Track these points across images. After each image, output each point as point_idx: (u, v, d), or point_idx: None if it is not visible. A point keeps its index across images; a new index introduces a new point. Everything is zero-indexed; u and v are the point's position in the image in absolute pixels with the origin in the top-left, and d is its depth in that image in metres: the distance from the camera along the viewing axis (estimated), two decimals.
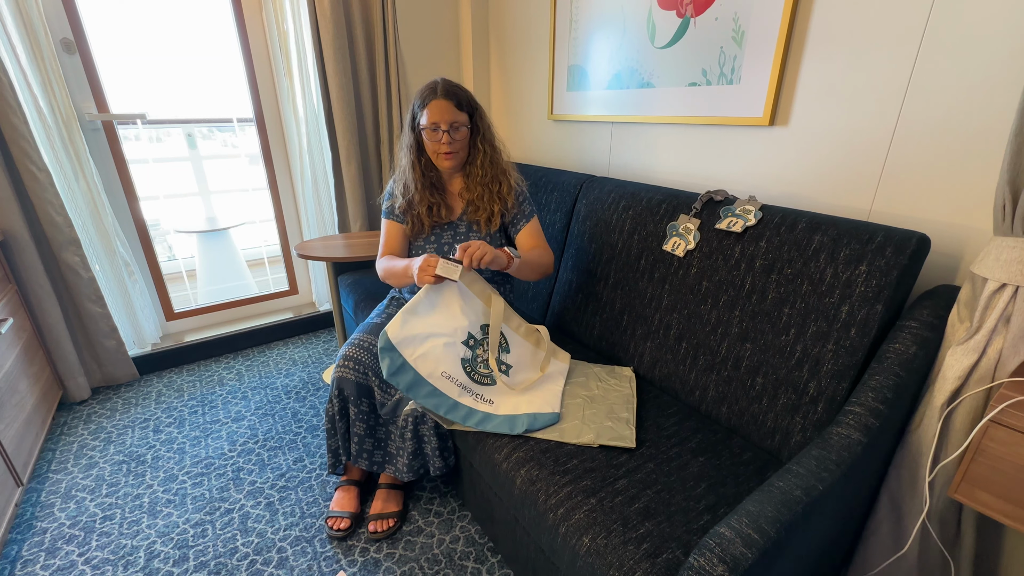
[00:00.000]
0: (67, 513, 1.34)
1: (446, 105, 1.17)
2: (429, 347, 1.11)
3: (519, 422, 1.08)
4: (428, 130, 1.19)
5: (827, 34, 1.09)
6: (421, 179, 1.27)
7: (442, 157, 1.23)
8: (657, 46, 1.44)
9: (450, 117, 1.18)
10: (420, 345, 1.10)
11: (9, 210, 1.51)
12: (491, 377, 1.17)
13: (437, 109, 1.17)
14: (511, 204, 1.30)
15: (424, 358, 1.10)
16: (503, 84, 2.19)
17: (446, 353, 1.12)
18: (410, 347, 1.09)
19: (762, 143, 1.27)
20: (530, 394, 1.15)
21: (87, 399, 1.83)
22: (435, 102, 1.17)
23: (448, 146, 1.20)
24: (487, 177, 1.27)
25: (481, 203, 1.28)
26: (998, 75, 0.87)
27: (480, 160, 1.26)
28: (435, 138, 1.20)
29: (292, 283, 2.38)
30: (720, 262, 1.13)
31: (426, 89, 1.19)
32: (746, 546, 0.63)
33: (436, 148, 1.22)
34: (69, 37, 1.64)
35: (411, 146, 1.26)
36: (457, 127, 1.19)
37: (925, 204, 1.01)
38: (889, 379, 0.84)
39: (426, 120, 1.18)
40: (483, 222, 1.29)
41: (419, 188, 1.27)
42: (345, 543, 1.25)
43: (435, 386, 1.09)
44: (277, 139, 2.09)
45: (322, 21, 1.79)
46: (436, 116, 1.17)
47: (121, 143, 1.83)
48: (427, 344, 1.11)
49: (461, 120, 1.20)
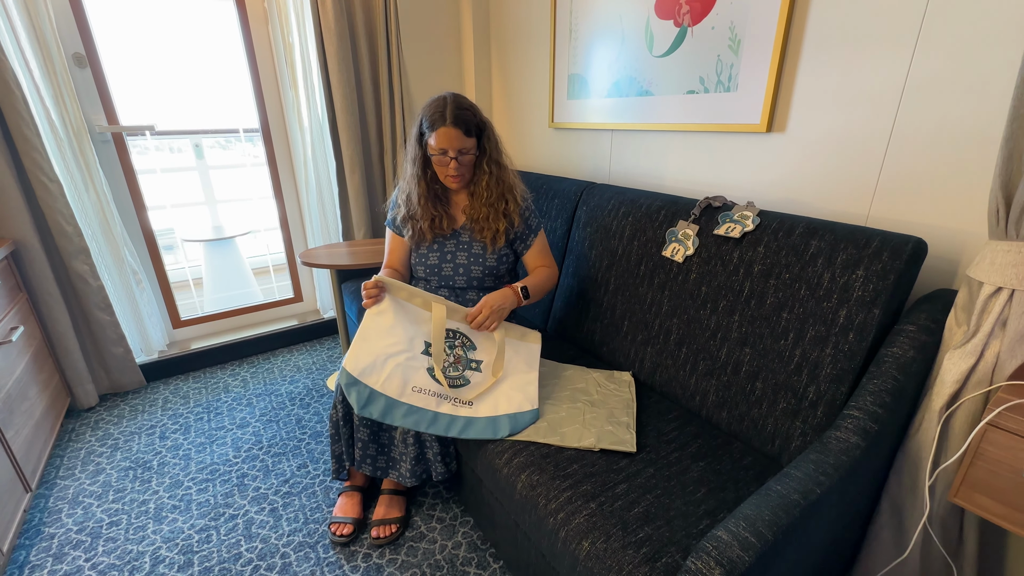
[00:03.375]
0: (74, 519, 1.36)
1: (455, 133, 1.17)
2: (392, 367, 1.10)
3: (501, 424, 1.08)
4: (436, 154, 1.21)
5: (822, 42, 1.10)
6: (426, 192, 1.28)
7: (449, 179, 1.25)
8: (655, 55, 1.46)
9: (458, 145, 1.19)
10: (382, 369, 1.09)
11: (21, 220, 1.54)
12: (463, 377, 1.16)
13: (446, 137, 1.17)
14: (517, 223, 1.31)
15: (390, 380, 1.09)
16: (504, 93, 2.22)
17: (410, 368, 1.12)
18: (373, 375, 1.08)
19: (759, 149, 1.28)
20: (508, 391, 1.14)
21: (95, 406, 1.85)
22: (444, 129, 1.17)
23: (455, 171, 1.22)
24: (492, 197, 1.28)
25: (486, 223, 1.29)
26: (992, 80, 0.88)
27: (486, 181, 1.27)
28: (443, 163, 1.22)
29: (297, 291, 2.40)
30: (719, 267, 1.14)
31: (435, 111, 1.18)
32: (743, 549, 0.63)
33: (443, 171, 1.24)
34: (81, 51, 1.69)
35: (417, 159, 1.26)
36: (465, 152, 1.21)
37: (922, 209, 1.02)
38: (887, 383, 0.85)
39: (434, 144, 1.19)
40: (488, 241, 1.30)
41: (423, 202, 1.28)
42: (348, 549, 1.25)
43: (410, 403, 1.08)
44: (282, 149, 2.13)
45: (326, 33, 1.83)
46: (444, 143, 1.18)
47: (130, 154, 1.87)
48: (388, 365, 1.10)
49: (469, 146, 1.21)
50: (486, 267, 1.33)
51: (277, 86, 2.02)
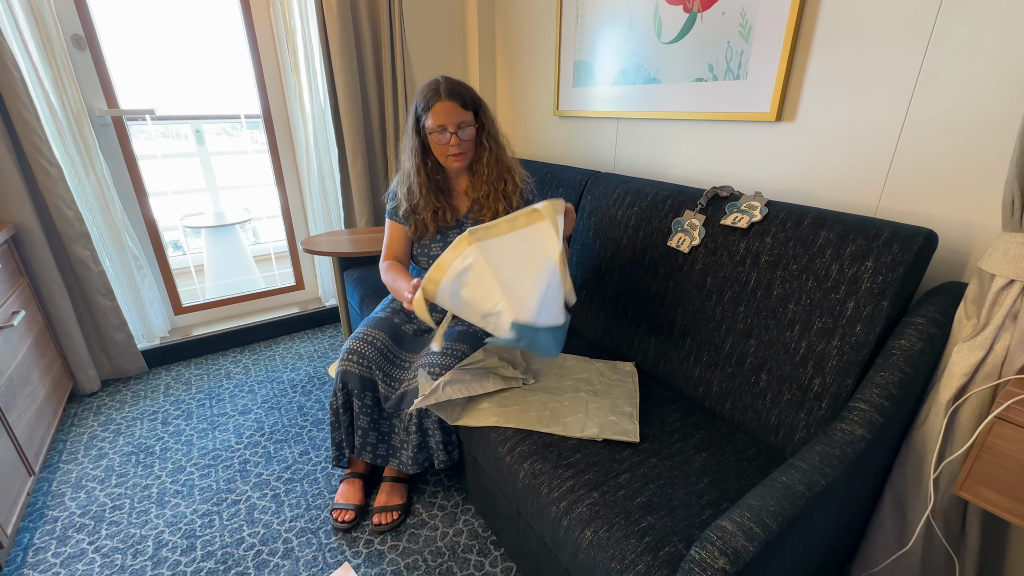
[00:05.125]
0: (77, 502, 1.36)
1: (451, 106, 1.15)
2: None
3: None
4: (435, 133, 1.18)
5: (835, 28, 1.08)
6: (427, 183, 1.25)
7: (451, 158, 1.22)
8: (663, 41, 1.43)
9: (456, 118, 1.17)
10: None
11: (21, 204, 1.53)
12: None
13: (443, 111, 1.15)
14: (515, 204, 1.30)
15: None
16: (509, 81, 2.19)
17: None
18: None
19: (769, 139, 1.26)
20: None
21: (97, 391, 1.86)
22: (440, 104, 1.15)
23: (456, 147, 1.19)
24: (493, 175, 1.26)
25: (487, 202, 1.27)
26: (1009, 69, 0.86)
27: (486, 158, 1.25)
28: (443, 140, 1.19)
29: (298, 278, 2.40)
30: (725, 258, 1.13)
31: (428, 91, 1.17)
32: (748, 539, 0.63)
33: (444, 150, 1.21)
34: (80, 33, 1.66)
35: (416, 149, 1.23)
36: (464, 126, 1.18)
37: (933, 200, 1.00)
38: (894, 376, 0.84)
39: (432, 123, 1.17)
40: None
41: (424, 193, 1.25)
42: (350, 535, 1.26)
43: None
44: (284, 135, 2.11)
45: (329, 18, 1.80)
46: (442, 118, 1.16)
47: (131, 139, 1.85)
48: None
49: (467, 119, 1.19)
50: None
51: (279, 71, 2.00)
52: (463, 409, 1.14)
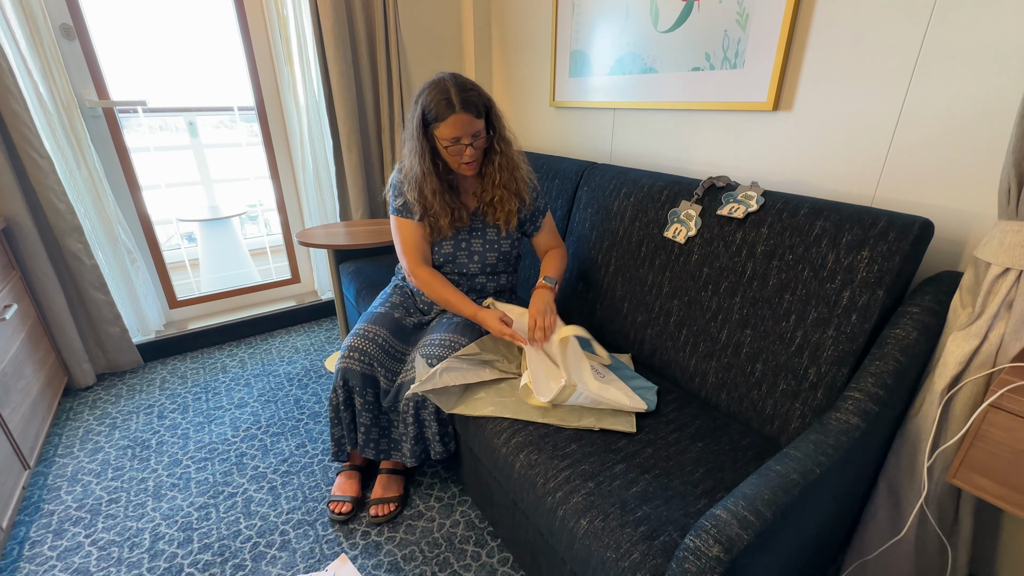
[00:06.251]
0: (73, 496, 1.36)
1: (467, 118, 1.09)
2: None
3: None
4: (450, 145, 1.13)
5: (832, 17, 1.07)
6: (439, 186, 1.21)
7: (464, 167, 1.18)
8: (660, 30, 1.42)
9: (472, 129, 1.11)
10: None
11: (12, 197, 1.52)
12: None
13: (458, 123, 1.09)
14: (528, 202, 1.28)
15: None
16: (505, 71, 2.17)
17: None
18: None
19: (765, 128, 1.25)
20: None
21: (92, 385, 1.85)
22: (454, 117, 1.09)
23: (471, 157, 1.16)
24: (504, 178, 1.23)
25: (499, 204, 1.25)
26: (1006, 57, 0.85)
27: (497, 161, 1.21)
28: (457, 151, 1.14)
29: (294, 271, 2.39)
30: (721, 248, 1.13)
31: (438, 97, 1.09)
32: (742, 528, 0.63)
33: (458, 160, 1.16)
34: (68, 23, 1.64)
35: (424, 153, 1.16)
36: (479, 136, 1.14)
37: (929, 189, 1.00)
38: (889, 365, 0.84)
39: (447, 134, 1.11)
40: (502, 223, 1.27)
41: (438, 199, 1.21)
42: (347, 527, 1.26)
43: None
44: (278, 127, 2.08)
45: (322, 6, 1.77)
46: (458, 130, 1.10)
47: (122, 130, 1.83)
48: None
49: (481, 128, 1.14)
50: (500, 252, 1.31)
51: (272, 62, 1.97)
52: (459, 398, 1.14)
